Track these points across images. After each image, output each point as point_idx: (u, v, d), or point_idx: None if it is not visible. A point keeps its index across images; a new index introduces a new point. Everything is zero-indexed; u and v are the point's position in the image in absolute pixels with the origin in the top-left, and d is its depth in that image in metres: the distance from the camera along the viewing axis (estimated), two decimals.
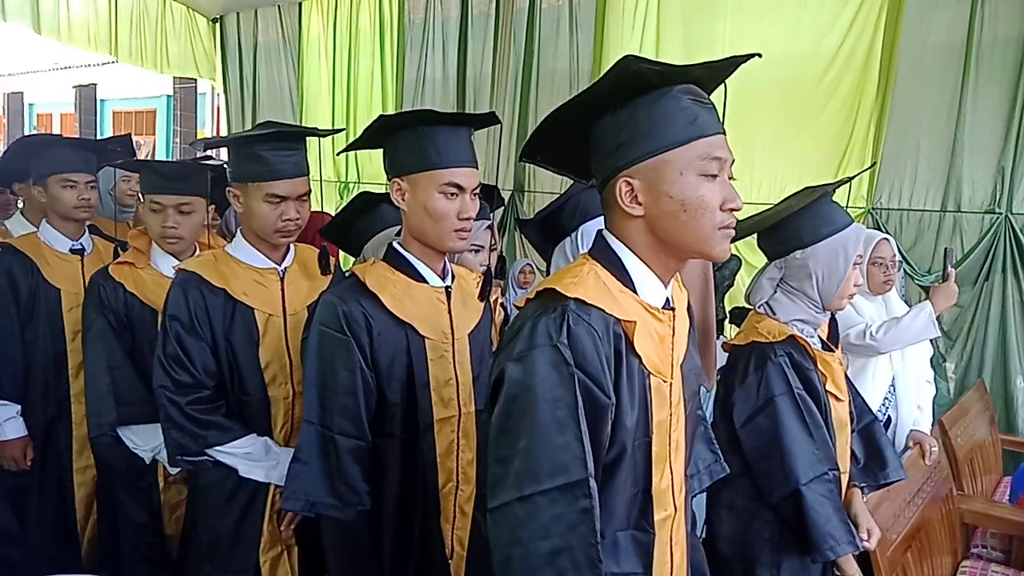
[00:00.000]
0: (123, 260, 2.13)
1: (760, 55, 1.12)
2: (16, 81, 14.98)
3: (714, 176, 1.08)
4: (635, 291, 1.14)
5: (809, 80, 3.83)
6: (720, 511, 1.79)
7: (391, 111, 5.54)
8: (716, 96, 1.16)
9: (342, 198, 5.87)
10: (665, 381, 1.17)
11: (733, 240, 1.15)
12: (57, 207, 2.42)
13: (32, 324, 2.40)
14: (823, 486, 1.66)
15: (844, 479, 1.79)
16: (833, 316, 1.85)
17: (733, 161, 1.12)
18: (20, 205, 3.32)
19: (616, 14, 4.45)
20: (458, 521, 1.59)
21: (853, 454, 1.88)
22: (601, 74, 1.09)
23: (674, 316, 1.19)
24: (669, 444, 1.19)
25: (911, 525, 2.22)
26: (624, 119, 1.10)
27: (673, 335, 1.19)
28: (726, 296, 3.84)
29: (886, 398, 2.67)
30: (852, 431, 1.86)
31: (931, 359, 2.92)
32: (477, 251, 2.06)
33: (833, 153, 3.82)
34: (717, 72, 1.14)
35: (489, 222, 2.12)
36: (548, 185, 4.82)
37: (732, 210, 1.09)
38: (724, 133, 1.12)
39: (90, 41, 5.73)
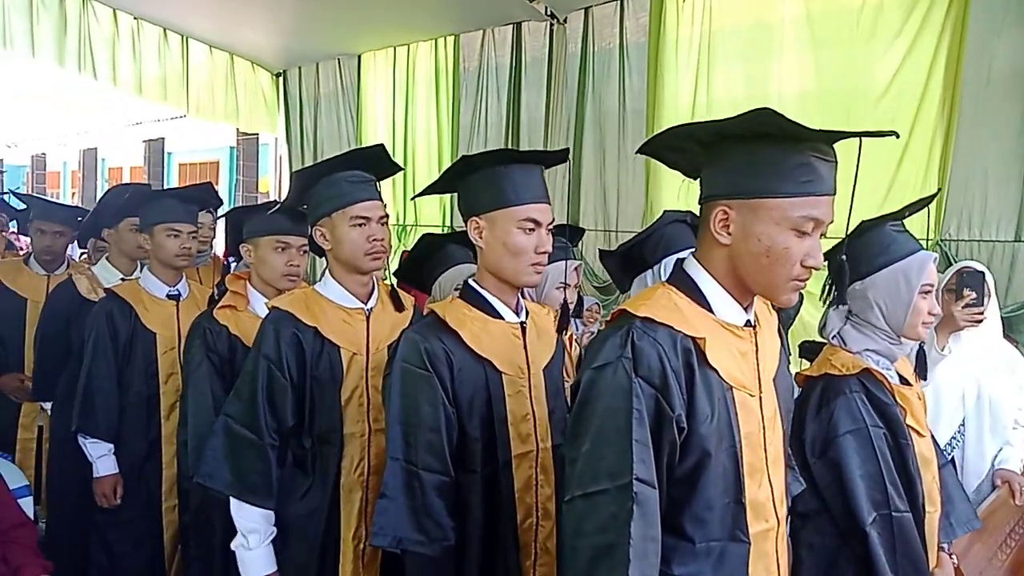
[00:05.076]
0: (225, 304, 2.21)
1: (897, 135, 1.14)
2: (91, 138, 15.83)
3: (806, 233, 1.12)
4: (711, 311, 1.20)
5: (863, 112, 3.77)
6: (801, 551, 1.73)
7: (448, 156, 5.66)
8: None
9: (400, 240, 5.98)
10: (752, 395, 1.21)
11: None
12: (160, 254, 2.56)
13: (129, 367, 2.51)
14: (880, 527, 1.60)
15: (935, 516, 1.73)
16: (921, 347, 1.80)
17: (832, 222, 1.14)
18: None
19: (669, 54, 4.47)
20: (540, 558, 1.59)
21: None
22: (655, 115, 1.14)
23: (756, 333, 1.24)
24: (765, 456, 1.23)
25: (1006, 569, 2.12)
26: (748, 151, 1.14)
27: (757, 351, 1.24)
28: (789, 332, 3.77)
29: (953, 437, 2.57)
30: (940, 467, 1.80)
31: None
32: (562, 288, 2.11)
33: (894, 185, 3.75)
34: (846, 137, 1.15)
35: (580, 262, 2.17)
36: (600, 223, 4.84)
37: (810, 267, 1.14)
38: (834, 193, 1.14)
39: (166, 96, 6.05)
